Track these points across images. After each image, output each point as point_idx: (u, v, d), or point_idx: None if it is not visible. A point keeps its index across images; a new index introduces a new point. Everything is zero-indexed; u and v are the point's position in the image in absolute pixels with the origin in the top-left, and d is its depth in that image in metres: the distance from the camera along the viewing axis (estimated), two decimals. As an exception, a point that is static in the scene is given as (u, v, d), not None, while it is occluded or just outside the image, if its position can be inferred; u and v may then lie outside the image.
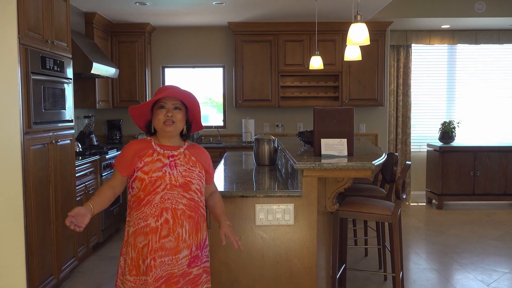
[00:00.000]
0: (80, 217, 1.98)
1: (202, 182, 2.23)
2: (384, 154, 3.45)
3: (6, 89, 3.16)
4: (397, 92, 7.08)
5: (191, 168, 2.19)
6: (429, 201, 7.08)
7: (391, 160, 3.78)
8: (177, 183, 2.14)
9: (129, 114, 2.29)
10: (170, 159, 2.18)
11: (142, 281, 2.11)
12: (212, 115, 6.97)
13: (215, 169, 3.63)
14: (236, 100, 6.38)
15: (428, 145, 7.07)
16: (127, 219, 2.22)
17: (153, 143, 2.22)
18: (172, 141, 2.23)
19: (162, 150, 2.20)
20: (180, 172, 2.16)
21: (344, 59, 4.54)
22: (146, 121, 2.27)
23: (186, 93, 2.23)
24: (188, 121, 2.28)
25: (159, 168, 2.14)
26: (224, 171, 3.62)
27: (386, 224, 4.46)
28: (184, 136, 2.29)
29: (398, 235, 3.23)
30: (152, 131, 2.25)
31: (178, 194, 2.14)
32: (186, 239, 2.14)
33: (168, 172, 2.14)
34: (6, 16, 3.13)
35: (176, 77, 6.86)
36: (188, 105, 2.26)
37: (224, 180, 3.21)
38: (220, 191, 2.66)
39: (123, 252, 2.20)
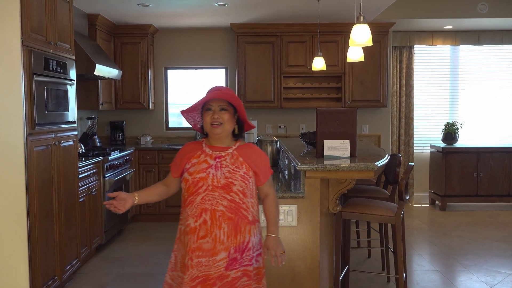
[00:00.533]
0: (122, 201, 2.16)
1: (246, 184, 2.17)
2: (387, 155, 3.44)
3: (9, 90, 3.17)
4: (400, 93, 7.07)
5: (235, 169, 2.17)
6: (432, 203, 7.06)
7: (394, 161, 3.76)
8: (219, 184, 2.15)
9: (183, 118, 2.36)
10: (217, 160, 2.20)
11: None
12: (214, 116, 6.96)
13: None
14: (238, 101, 6.37)
15: (431, 146, 7.05)
16: (180, 217, 2.33)
17: (203, 145, 2.27)
18: (222, 142, 2.24)
19: (210, 151, 2.23)
20: (223, 173, 2.16)
21: (347, 60, 4.53)
22: (200, 123, 2.32)
23: (231, 93, 2.22)
24: (239, 121, 2.27)
25: (204, 169, 2.18)
26: (227, 172, 3.61)
27: (389, 225, 4.44)
28: (236, 136, 2.29)
29: (401, 236, 3.22)
30: (204, 133, 2.30)
31: (219, 195, 2.15)
32: (224, 241, 2.13)
33: (212, 174, 2.16)
34: (9, 17, 3.14)
35: (179, 78, 6.86)
36: (235, 104, 2.22)
37: (227, 181, 3.19)
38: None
39: (175, 248, 2.32)
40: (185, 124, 6.88)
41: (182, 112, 2.31)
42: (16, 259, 3.22)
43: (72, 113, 4.03)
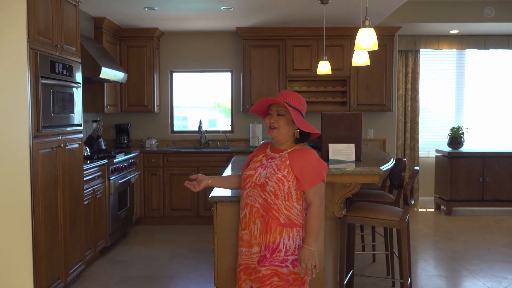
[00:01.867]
0: (199, 181, 2.51)
1: (279, 186, 2.22)
2: (392, 160, 3.43)
3: (15, 93, 3.18)
4: (405, 97, 7.05)
5: (276, 171, 2.25)
6: (437, 207, 7.02)
7: (399, 165, 3.75)
8: (259, 183, 2.28)
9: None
10: (269, 160, 2.32)
11: None
12: (219, 119, 6.97)
13: (227, 173, 3.62)
14: (243, 104, 6.38)
15: (437, 151, 7.02)
16: None
17: (269, 146, 2.42)
18: (282, 145, 2.35)
19: (269, 152, 2.37)
20: (266, 173, 2.27)
21: (352, 64, 4.53)
22: None
23: (288, 98, 2.28)
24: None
25: (255, 167, 2.35)
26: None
27: (394, 230, 4.43)
28: (300, 140, 2.34)
29: (406, 241, 3.20)
30: None
31: (257, 192, 2.29)
32: (257, 236, 2.28)
33: (259, 172, 2.31)
34: (16, 20, 3.16)
35: (184, 81, 6.87)
36: (289, 111, 2.26)
37: (231, 184, 3.20)
38: (226, 196, 2.66)
39: None
40: (190, 127, 6.89)
41: (250, 111, 2.44)
42: (20, 261, 3.22)
43: (77, 115, 4.04)
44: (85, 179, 4.24)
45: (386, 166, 2.97)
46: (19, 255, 3.22)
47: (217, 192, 2.78)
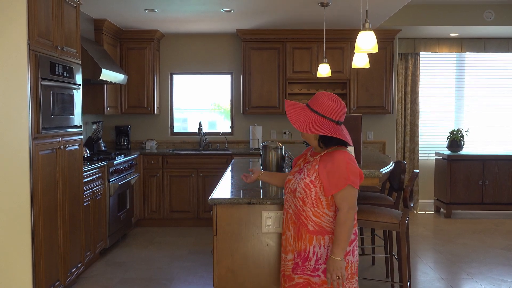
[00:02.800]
0: (251, 174, 2.71)
1: (306, 192, 2.18)
2: (391, 162, 3.43)
3: (15, 94, 3.19)
4: (405, 100, 7.05)
5: (306, 176, 2.22)
6: (437, 210, 7.02)
7: (399, 168, 3.75)
8: (292, 188, 2.29)
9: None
10: (305, 165, 2.31)
11: None
12: (219, 121, 6.98)
13: (224, 176, 3.62)
14: (243, 107, 6.38)
15: (436, 154, 7.02)
16: None
17: (310, 150, 2.39)
18: (316, 149, 2.32)
19: (309, 156, 2.35)
20: (299, 178, 2.25)
21: (352, 67, 4.53)
22: None
23: (316, 104, 2.20)
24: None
25: (294, 172, 2.35)
26: (231, 177, 3.61)
27: (394, 232, 4.42)
28: (322, 144, 2.25)
29: (405, 243, 3.20)
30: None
31: (290, 198, 2.30)
32: (291, 242, 2.28)
33: (295, 177, 2.30)
34: (17, 22, 3.16)
35: (184, 83, 6.88)
36: (325, 114, 2.20)
37: (231, 187, 3.20)
38: (226, 198, 2.66)
39: None
40: (190, 129, 6.89)
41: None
42: (20, 262, 3.22)
43: (77, 117, 4.04)
44: (84, 180, 4.24)
45: (386, 169, 2.97)
46: (18, 256, 3.22)
47: (217, 194, 2.78)
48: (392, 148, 6.76)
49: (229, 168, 4.18)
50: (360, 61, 4.38)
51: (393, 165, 3.61)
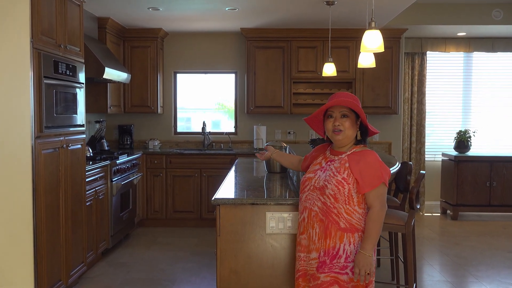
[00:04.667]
0: (266, 152, 2.91)
1: (339, 189, 2.18)
2: (397, 163, 3.42)
3: (18, 92, 3.20)
4: (411, 100, 7.03)
5: (335, 173, 2.22)
6: (443, 212, 6.99)
7: (405, 169, 3.74)
8: (318, 186, 2.27)
9: (307, 124, 2.46)
10: (329, 163, 2.30)
11: None
12: (223, 121, 6.98)
13: (231, 176, 3.63)
14: (248, 106, 6.38)
15: (443, 154, 6.99)
16: None
17: (328, 148, 2.39)
18: (343, 147, 2.31)
19: (329, 155, 2.35)
20: (325, 176, 2.25)
21: (358, 66, 4.52)
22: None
23: (351, 100, 2.24)
24: (362, 126, 2.28)
25: (314, 170, 2.34)
26: (235, 178, 3.61)
27: (400, 234, 4.41)
28: (359, 141, 2.30)
29: (411, 246, 3.19)
30: (325, 138, 2.38)
31: (316, 196, 2.27)
32: (316, 241, 2.26)
33: (318, 175, 2.29)
34: (20, 20, 3.17)
35: (188, 82, 6.89)
36: (357, 110, 2.25)
37: (235, 187, 3.20)
38: (229, 198, 2.66)
39: None
40: (194, 128, 6.90)
41: (306, 120, 2.42)
42: (22, 262, 3.23)
43: (80, 116, 4.05)
44: (87, 180, 4.25)
45: (392, 170, 2.96)
46: (20, 256, 3.23)
47: (220, 194, 2.78)
48: (398, 149, 6.75)
49: (233, 168, 4.18)
50: (366, 60, 4.37)
51: (399, 166, 3.60)
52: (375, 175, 2.17)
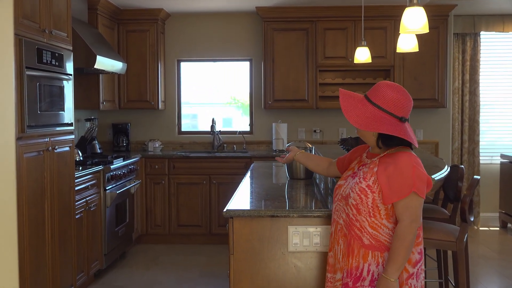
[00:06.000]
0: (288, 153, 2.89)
1: (361, 198, 2.18)
2: (446, 167, 3.40)
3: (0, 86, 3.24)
4: (462, 91, 6.97)
5: (361, 180, 2.23)
6: (503, 225, 6.92)
7: (455, 174, 3.71)
8: (344, 194, 2.29)
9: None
10: (360, 168, 2.32)
11: None
12: (236, 118, 7.01)
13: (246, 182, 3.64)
14: (265, 100, 6.39)
15: (502, 156, 6.92)
16: None
17: (366, 150, 2.41)
18: (374, 149, 2.32)
19: (364, 157, 2.37)
20: (352, 183, 2.26)
21: (397, 51, 4.50)
22: None
23: (376, 96, 2.22)
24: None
25: (347, 176, 2.37)
26: (251, 185, 3.62)
27: (450, 252, 4.37)
28: (382, 144, 2.25)
29: (464, 266, 3.16)
30: None
31: (342, 206, 2.30)
32: (340, 259, 2.29)
33: (348, 182, 2.31)
34: (1, 2, 3.21)
35: (194, 73, 6.93)
36: (363, 129, 2.22)
37: (251, 196, 3.21)
38: (245, 209, 2.67)
39: None
40: (201, 127, 6.93)
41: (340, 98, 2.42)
42: (4, 285, 3.27)
43: (68, 113, 4.11)
44: (76, 188, 4.30)
45: (439, 175, 2.94)
46: (2, 278, 3.27)
47: (234, 204, 2.79)
48: (446, 150, 6.69)
49: (248, 174, 4.19)
50: (407, 43, 4.35)
51: (448, 170, 3.58)
52: (405, 183, 2.13)
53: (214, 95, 6.98)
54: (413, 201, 2.15)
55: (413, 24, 3.23)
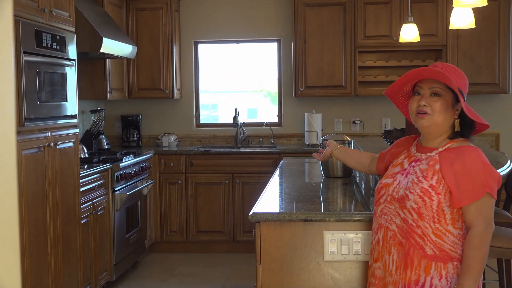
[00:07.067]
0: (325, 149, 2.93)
1: (425, 201, 2.14)
2: (509, 162, 3.34)
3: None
4: (528, 74, 6.86)
5: (420, 179, 2.18)
6: None
7: (520, 170, 3.65)
8: (397, 196, 2.25)
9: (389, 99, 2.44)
10: (413, 164, 2.28)
11: None
12: (262, 108, 7.01)
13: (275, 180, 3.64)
14: (296, 87, 6.38)
15: None
16: None
17: (414, 142, 2.39)
18: (433, 140, 2.26)
19: (414, 152, 2.33)
20: (407, 182, 2.23)
21: (450, 28, 4.44)
22: None
23: (445, 73, 2.15)
24: (463, 114, 2.20)
25: (394, 174, 2.33)
26: (280, 185, 3.62)
27: (513, 263, 4.31)
28: (457, 134, 2.25)
29: (530, 278, 3.12)
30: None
31: (394, 210, 2.27)
32: (392, 272, 2.24)
33: (398, 181, 2.27)
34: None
35: (214, 56, 6.94)
36: (453, 88, 2.17)
37: (280, 197, 3.21)
38: (273, 213, 2.67)
39: None
40: (222, 119, 6.94)
41: (386, 93, 2.39)
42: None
43: (71, 104, 4.14)
44: (82, 189, 4.34)
45: (501, 172, 2.89)
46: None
47: (261, 207, 2.79)
48: (509, 142, 6.59)
49: (277, 172, 4.18)
50: (462, 19, 4.28)
51: (511, 166, 3.52)
52: (477, 182, 2.10)
53: (237, 82, 6.98)
54: (487, 204, 2.13)
55: (469, -4, 3.19)
